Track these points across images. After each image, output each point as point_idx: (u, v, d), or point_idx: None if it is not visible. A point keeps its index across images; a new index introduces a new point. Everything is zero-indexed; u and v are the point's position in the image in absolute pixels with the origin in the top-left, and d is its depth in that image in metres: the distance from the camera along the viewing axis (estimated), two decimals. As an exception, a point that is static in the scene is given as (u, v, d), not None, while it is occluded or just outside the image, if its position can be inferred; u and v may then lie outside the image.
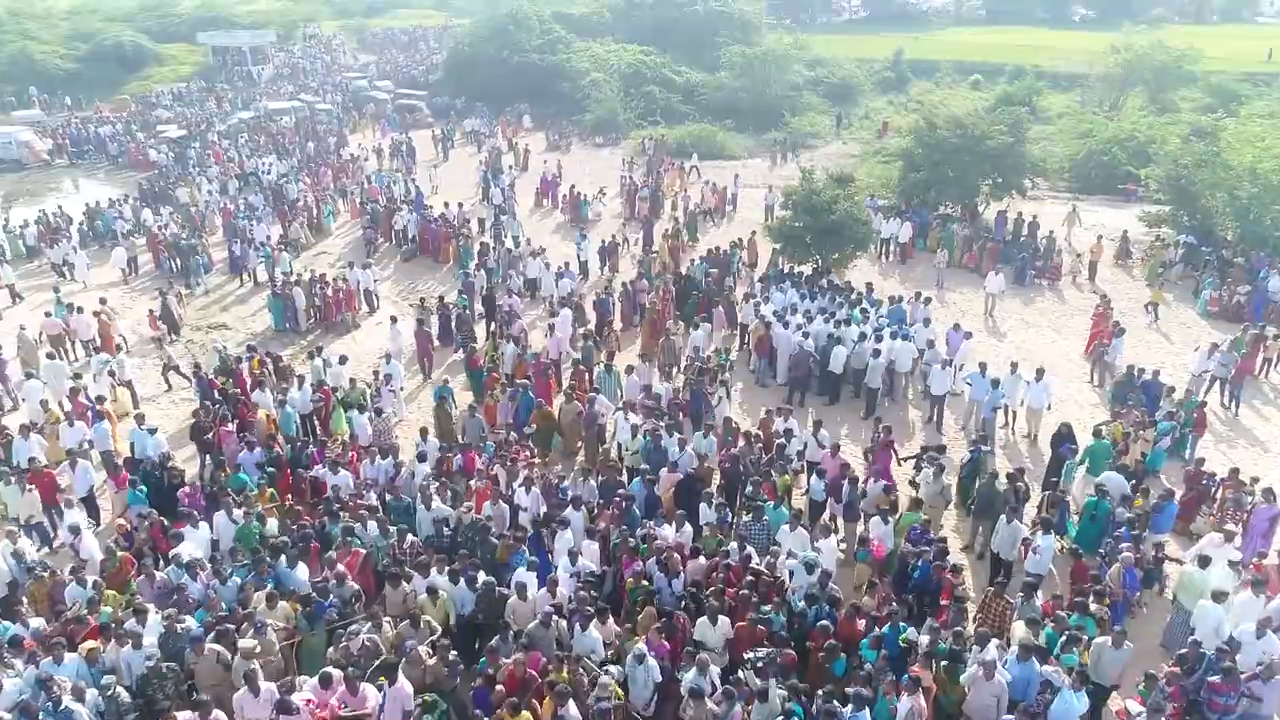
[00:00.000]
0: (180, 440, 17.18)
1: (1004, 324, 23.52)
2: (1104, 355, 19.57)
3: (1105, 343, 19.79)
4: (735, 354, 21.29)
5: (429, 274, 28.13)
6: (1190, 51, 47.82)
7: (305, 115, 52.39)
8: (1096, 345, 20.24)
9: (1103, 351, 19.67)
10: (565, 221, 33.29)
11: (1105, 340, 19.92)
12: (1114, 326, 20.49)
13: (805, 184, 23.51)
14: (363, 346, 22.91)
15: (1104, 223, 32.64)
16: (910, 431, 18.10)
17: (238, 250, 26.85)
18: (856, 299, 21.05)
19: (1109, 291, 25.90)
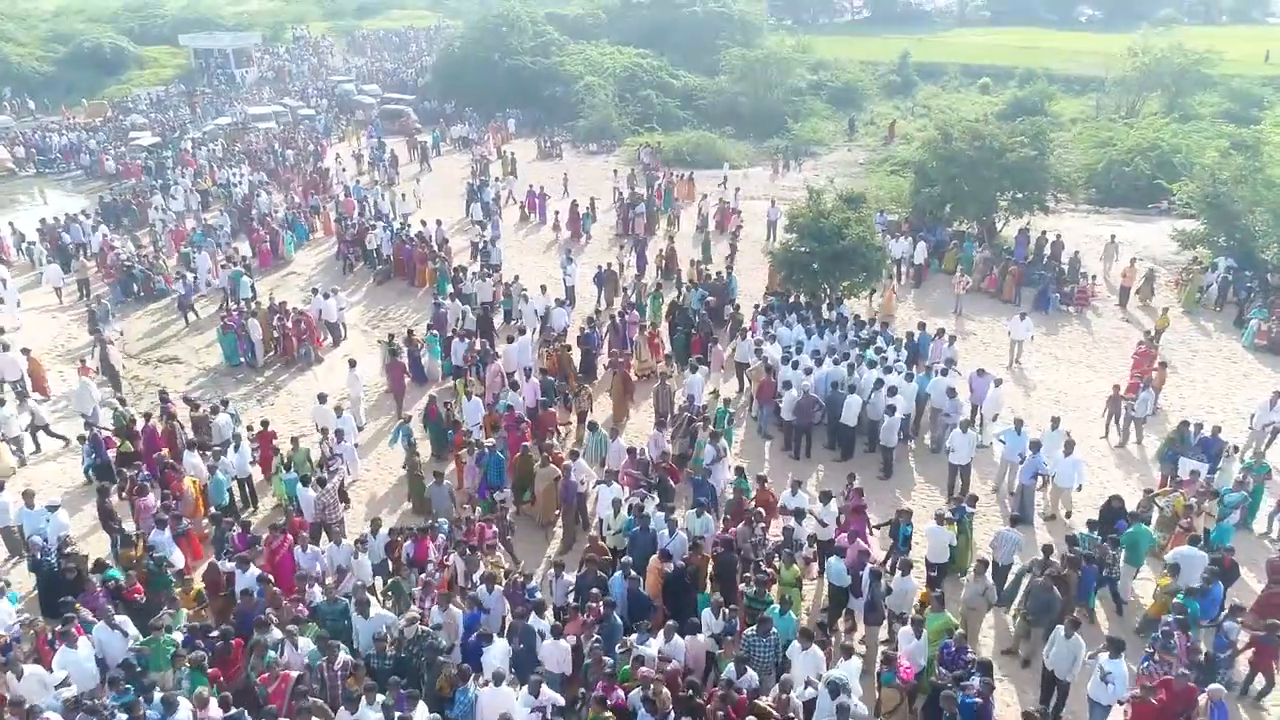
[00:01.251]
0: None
1: (1029, 359, 21.33)
2: (1130, 409, 17.04)
3: (1129, 396, 17.29)
4: (739, 399, 19.20)
5: (403, 299, 25.95)
6: (1209, 54, 45.76)
7: (287, 121, 50.32)
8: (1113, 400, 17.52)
9: (1129, 404, 17.12)
10: (557, 240, 31.03)
11: (1129, 394, 17.40)
12: (1159, 369, 18.33)
13: (812, 205, 21.33)
14: (325, 384, 20.70)
15: (1130, 239, 30.48)
16: (916, 483, 15.98)
17: (182, 287, 24.30)
18: (871, 336, 18.88)
19: (1139, 317, 23.88)
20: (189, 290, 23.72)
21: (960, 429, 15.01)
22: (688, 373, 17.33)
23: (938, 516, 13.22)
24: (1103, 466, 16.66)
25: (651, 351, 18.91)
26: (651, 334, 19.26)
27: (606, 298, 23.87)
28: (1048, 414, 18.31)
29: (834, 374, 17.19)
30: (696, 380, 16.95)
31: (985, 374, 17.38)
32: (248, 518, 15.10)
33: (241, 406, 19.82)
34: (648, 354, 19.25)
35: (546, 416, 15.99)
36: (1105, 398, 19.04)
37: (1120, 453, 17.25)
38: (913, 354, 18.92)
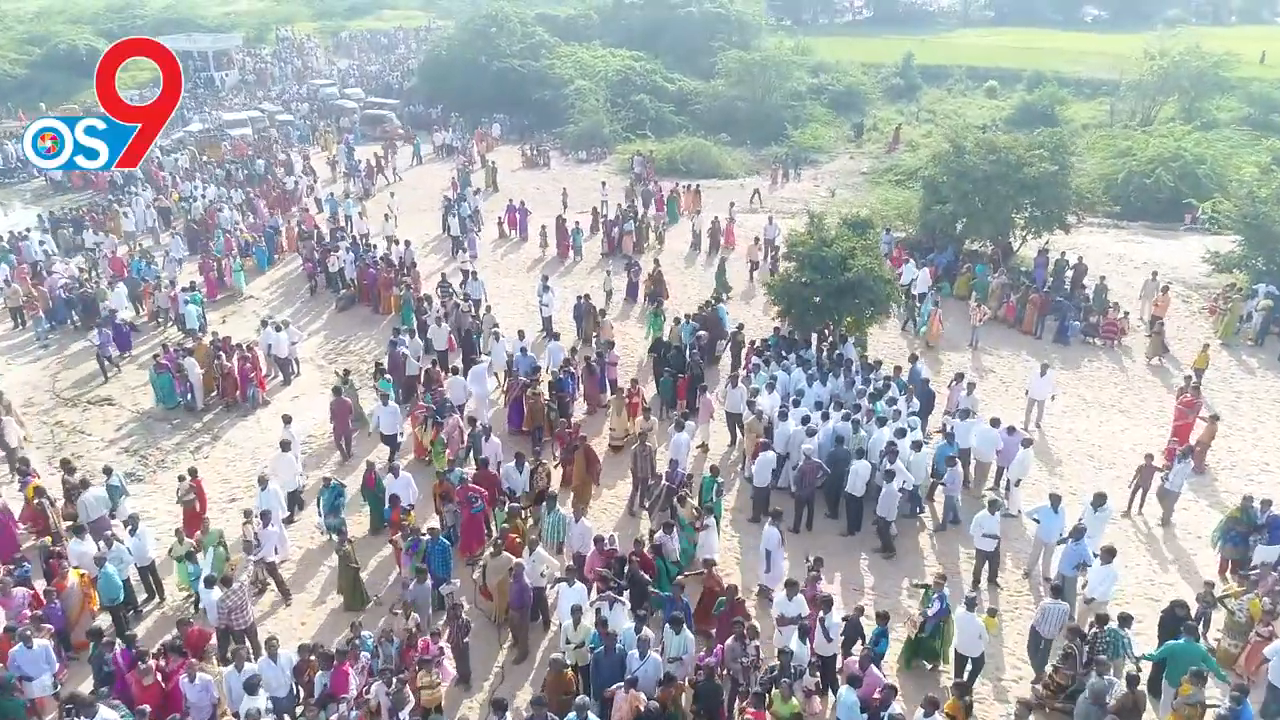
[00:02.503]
0: None
1: (1055, 403, 19.11)
2: (1164, 479, 14.62)
3: (1165, 465, 14.74)
4: (730, 454, 17.01)
5: (366, 328, 23.72)
6: (1227, 57, 43.64)
7: (264, 127, 48.10)
8: (1144, 471, 14.95)
9: (1163, 475, 14.65)
10: (543, 258, 28.78)
11: (1165, 463, 14.79)
12: (1208, 423, 16.10)
13: (814, 232, 19.08)
14: (271, 431, 18.48)
15: (1155, 258, 28.30)
16: (926, 563, 13.77)
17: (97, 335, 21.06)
18: (884, 384, 16.66)
19: (1170, 350, 21.67)
20: (104, 339, 20.90)
21: (989, 509, 12.77)
22: (671, 429, 15.03)
23: (968, 601, 11.23)
24: (1133, 545, 14.39)
25: (630, 413, 16.54)
26: (632, 391, 16.97)
27: (584, 333, 21.46)
28: (1079, 472, 16.37)
29: (839, 430, 14.99)
30: (681, 441, 14.73)
31: (1015, 431, 15.15)
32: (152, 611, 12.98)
33: (173, 459, 17.72)
34: (625, 417, 16.65)
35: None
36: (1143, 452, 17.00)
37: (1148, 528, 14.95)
38: (926, 402, 16.70)
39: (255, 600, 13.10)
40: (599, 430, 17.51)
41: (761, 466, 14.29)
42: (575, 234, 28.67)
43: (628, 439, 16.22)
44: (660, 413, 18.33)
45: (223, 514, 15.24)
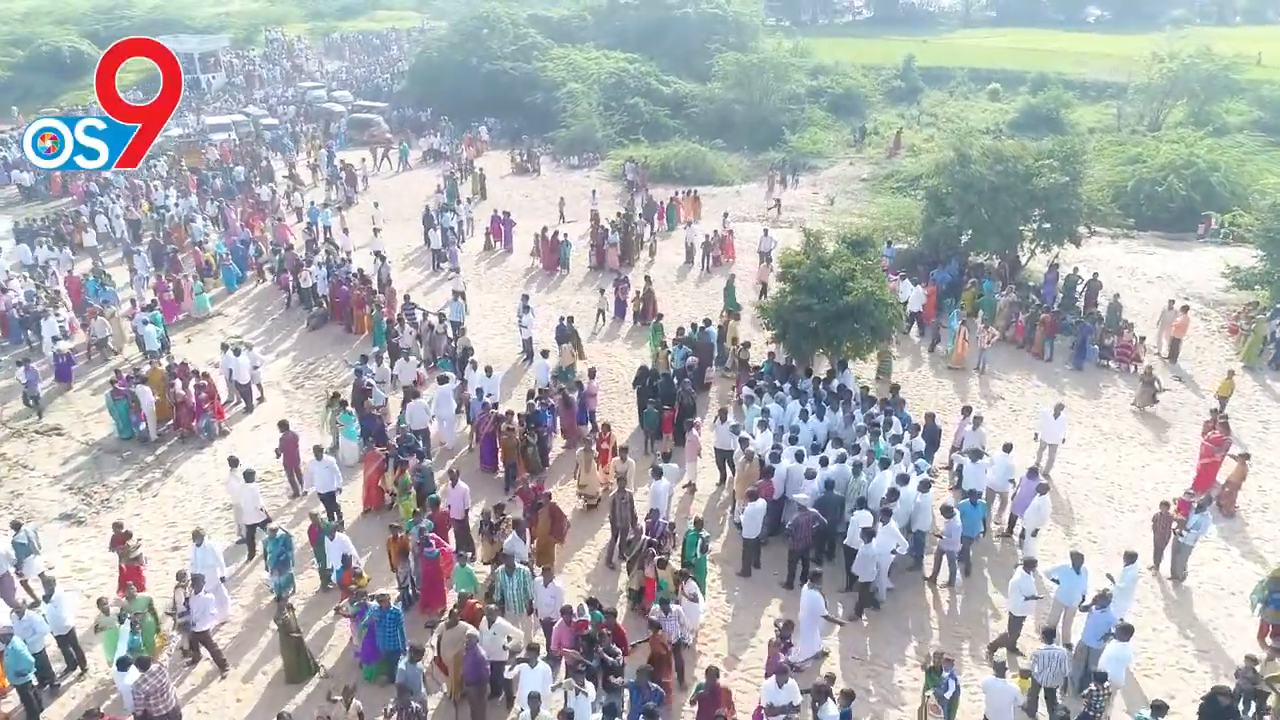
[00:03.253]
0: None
1: (1071, 435, 17.79)
2: (1179, 533, 13.16)
3: (1179, 516, 13.23)
4: (719, 494, 15.70)
5: (338, 349, 22.40)
6: (1238, 59, 42.37)
7: (248, 131, 46.79)
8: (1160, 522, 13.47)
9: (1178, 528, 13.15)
10: (531, 272, 27.43)
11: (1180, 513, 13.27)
12: (1238, 462, 14.80)
13: (810, 251, 17.74)
14: (223, 469, 17.15)
15: (1169, 272, 27.03)
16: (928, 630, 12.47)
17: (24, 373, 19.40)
18: (885, 420, 15.33)
19: (1187, 373, 20.38)
20: (31, 377, 19.29)
21: (1024, 568, 11.45)
22: (654, 479, 13.64)
23: (997, 666, 10.18)
24: (1159, 605, 13.06)
25: (601, 462, 15.06)
26: (602, 437, 15.38)
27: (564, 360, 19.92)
28: (1098, 515, 15.07)
29: (837, 474, 13.68)
30: (661, 490, 13.39)
31: (1034, 475, 13.83)
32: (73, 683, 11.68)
33: (119, 498, 16.43)
34: (596, 470, 14.83)
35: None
36: (1167, 490, 15.72)
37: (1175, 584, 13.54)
38: (931, 438, 15.39)
39: (189, 669, 11.84)
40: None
41: (752, 517, 12.99)
42: (564, 247, 27.31)
43: (605, 493, 14.79)
44: (645, 446, 17.03)
45: (163, 565, 13.93)
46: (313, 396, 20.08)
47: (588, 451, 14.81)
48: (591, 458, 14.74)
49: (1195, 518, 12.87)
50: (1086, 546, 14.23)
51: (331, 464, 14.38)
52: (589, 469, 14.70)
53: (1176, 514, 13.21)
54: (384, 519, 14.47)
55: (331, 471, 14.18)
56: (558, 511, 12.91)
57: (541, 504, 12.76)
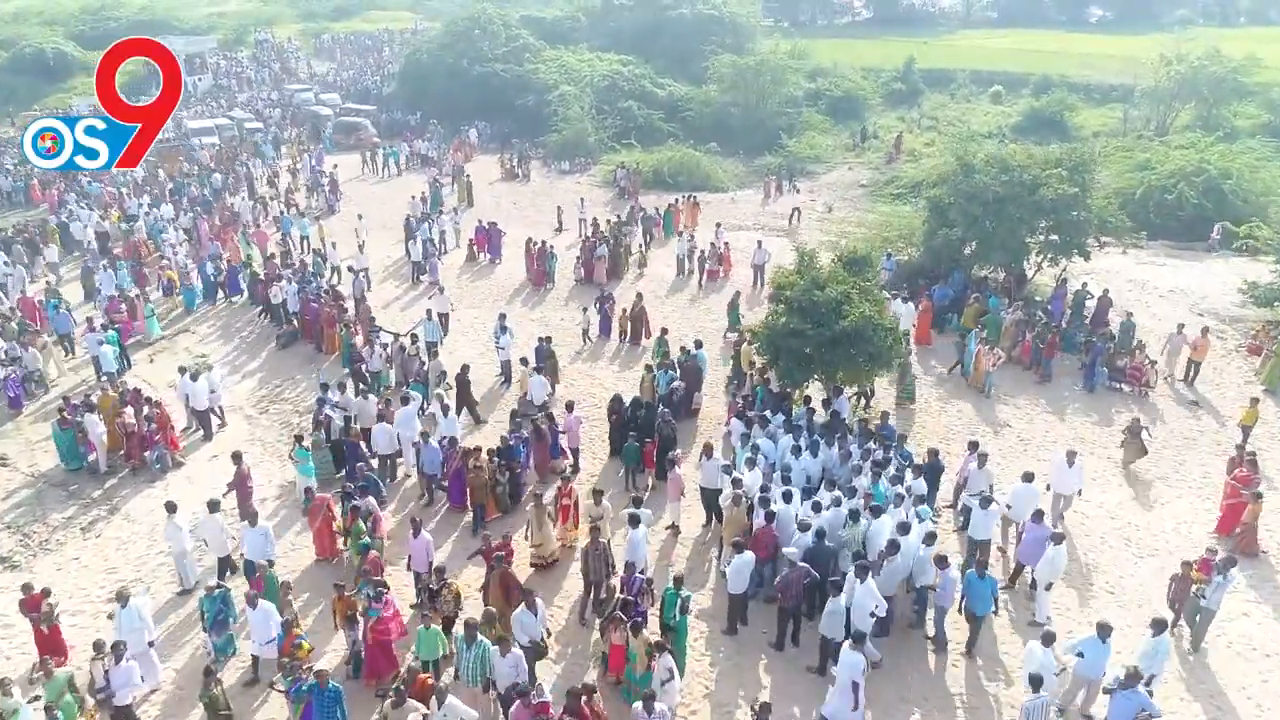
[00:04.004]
0: None
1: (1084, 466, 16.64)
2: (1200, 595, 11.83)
3: (1200, 577, 11.93)
4: (705, 535, 14.51)
5: (307, 370, 21.22)
6: (1247, 61, 41.24)
7: (232, 135, 45.65)
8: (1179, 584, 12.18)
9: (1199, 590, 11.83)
10: (517, 287, 26.20)
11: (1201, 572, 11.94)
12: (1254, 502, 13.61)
13: (804, 271, 16.55)
14: (182, 500, 15.98)
15: (1181, 285, 25.86)
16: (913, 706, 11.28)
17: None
18: (884, 458, 14.14)
19: (1205, 397, 19.20)
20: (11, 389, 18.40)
21: (1042, 642, 10.19)
22: (631, 527, 12.41)
23: None
24: (1184, 671, 11.83)
25: (561, 518, 13.71)
26: (563, 491, 13.83)
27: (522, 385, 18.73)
28: (1115, 561, 13.91)
29: (831, 522, 12.52)
30: (639, 539, 12.18)
31: (1041, 523, 12.63)
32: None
33: (60, 538, 15.27)
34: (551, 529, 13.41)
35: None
36: (1187, 531, 14.58)
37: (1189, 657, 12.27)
38: (933, 477, 14.22)
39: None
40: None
41: (738, 570, 11.81)
42: (550, 259, 26.09)
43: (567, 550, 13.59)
44: (627, 482, 15.86)
45: (94, 621, 12.75)
46: (276, 423, 18.92)
47: (539, 507, 13.20)
48: (544, 513, 13.23)
49: (1218, 579, 11.62)
50: (1103, 598, 13.14)
51: (267, 531, 12.85)
52: (541, 526, 13.17)
53: (1197, 574, 11.96)
54: (338, 571, 13.28)
55: (266, 540, 12.67)
56: (510, 579, 11.60)
57: (494, 567, 11.54)
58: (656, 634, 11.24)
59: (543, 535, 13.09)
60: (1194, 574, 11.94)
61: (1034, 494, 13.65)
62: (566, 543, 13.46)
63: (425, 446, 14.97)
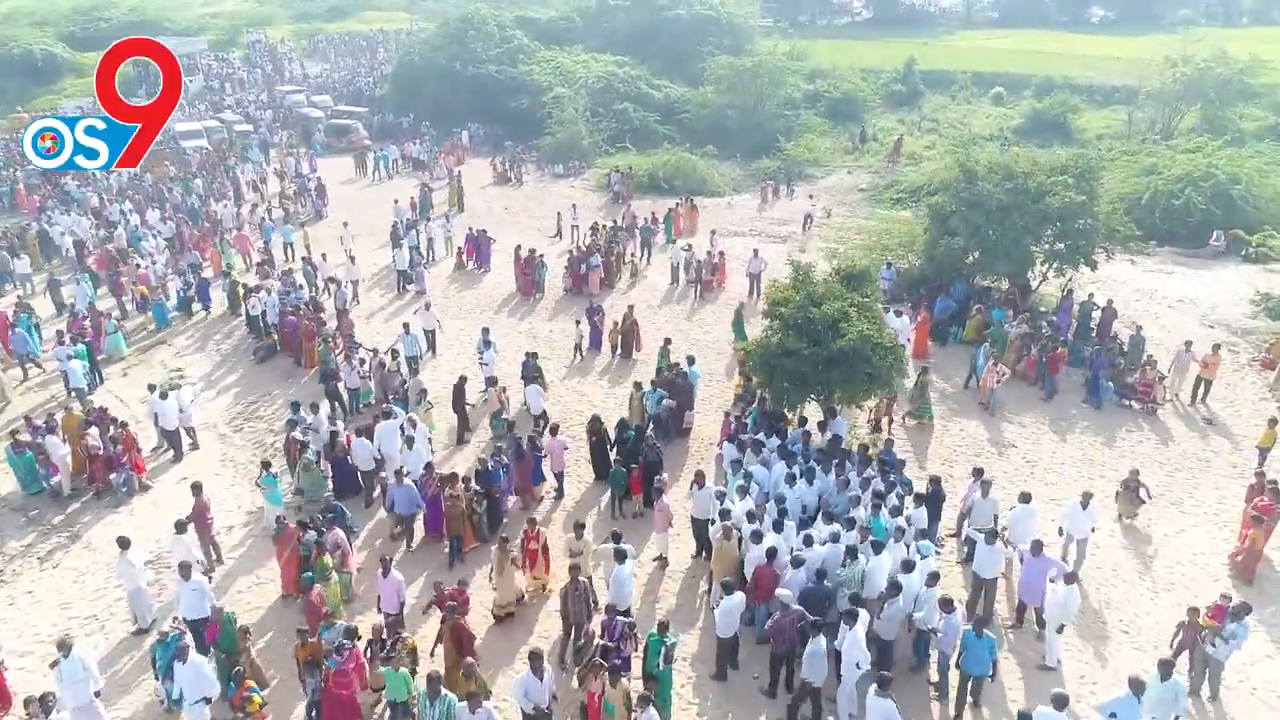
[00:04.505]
0: None
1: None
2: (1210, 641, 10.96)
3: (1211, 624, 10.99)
4: (696, 568, 13.73)
5: (284, 386, 20.42)
6: (1253, 63, 40.50)
7: (221, 138, 44.85)
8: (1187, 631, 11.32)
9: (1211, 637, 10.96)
10: (502, 297, 25.39)
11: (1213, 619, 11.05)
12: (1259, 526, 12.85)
13: (800, 285, 15.75)
14: (139, 532, 15.25)
15: (1190, 295, 25.08)
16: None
17: None
18: (888, 484, 13.34)
19: (1217, 414, 18.41)
20: None
21: (1054, 705, 9.28)
22: (616, 563, 11.64)
23: None
24: None
25: (529, 563, 12.53)
26: (529, 535, 12.55)
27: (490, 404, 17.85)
28: (1130, 597, 13.12)
29: (828, 559, 11.74)
30: (624, 577, 11.41)
31: (1043, 554, 11.77)
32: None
33: (15, 569, 14.49)
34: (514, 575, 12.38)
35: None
36: (1201, 560, 13.81)
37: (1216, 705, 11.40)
38: (935, 507, 13.45)
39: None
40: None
41: (727, 613, 11.04)
42: (540, 268, 25.24)
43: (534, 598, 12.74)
44: (613, 508, 15.08)
45: (42, 665, 11.95)
46: (250, 442, 18.14)
47: (503, 551, 12.10)
48: (507, 558, 12.13)
49: (1232, 626, 10.81)
50: (1117, 638, 12.36)
51: (202, 586, 11.73)
52: (502, 572, 12.11)
53: (1209, 620, 11.12)
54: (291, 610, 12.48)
55: (202, 595, 11.59)
56: (462, 631, 10.71)
57: (446, 619, 10.70)
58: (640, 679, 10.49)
59: (503, 583, 12.16)
60: (1205, 620, 11.13)
61: (1031, 514, 13.09)
62: (535, 590, 12.55)
63: (396, 486, 13.97)
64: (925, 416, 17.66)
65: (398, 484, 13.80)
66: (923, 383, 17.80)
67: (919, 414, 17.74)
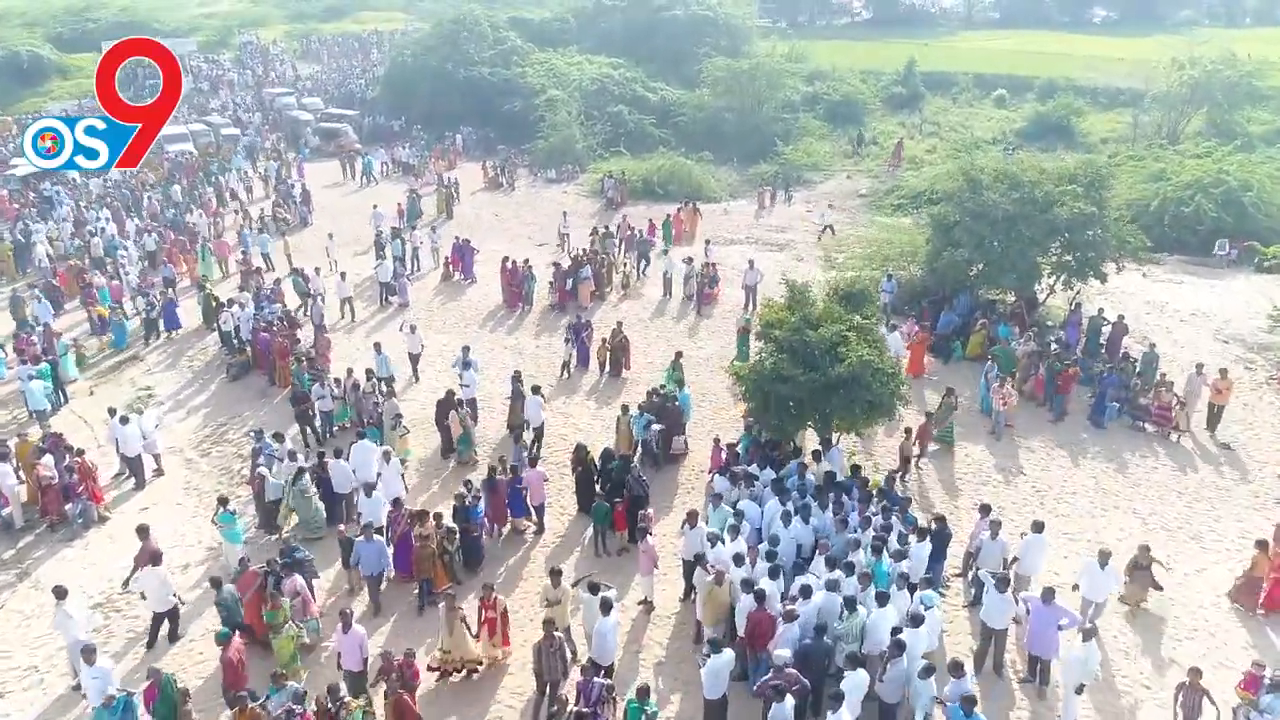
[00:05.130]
0: None
1: (1108, 525, 14.94)
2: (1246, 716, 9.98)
3: (1246, 695, 10.08)
4: (687, 610, 12.79)
5: (255, 407, 19.49)
6: (1261, 65, 39.62)
7: (208, 142, 43.93)
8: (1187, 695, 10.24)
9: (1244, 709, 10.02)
10: (488, 310, 24.40)
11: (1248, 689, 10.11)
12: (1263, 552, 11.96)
13: (795, 308, 14.78)
14: (94, 568, 14.38)
15: (1202, 308, 24.16)
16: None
17: None
18: (884, 526, 12.41)
19: (1234, 439, 17.45)
20: None
21: None
22: (598, 617, 10.68)
23: None
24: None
25: (487, 631, 11.23)
26: (486, 601, 11.23)
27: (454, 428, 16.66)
28: (1150, 645, 12.14)
29: (825, 610, 10.81)
30: (606, 629, 10.46)
31: (1052, 603, 10.80)
32: None
33: (-43, 610, 13.55)
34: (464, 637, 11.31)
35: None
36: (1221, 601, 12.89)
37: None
38: (940, 548, 12.53)
39: None
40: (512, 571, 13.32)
41: (715, 673, 10.11)
42: (529, 281, 24.22)
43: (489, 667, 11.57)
44: (596, 545, 14.15)
45: (-27, 724, 11.09)
46: (216, 469, 17.22)
47: (451, 608, 11.10)
48: (456, 617, 11.08)
49: (1268, 699, 9.82)
50: (1138, 691, 11.42)
51: (106, 675, 10.42)
52: (452, 632, 11.04)
53: (1242, 691, 10.19)
54: (268, 661, 11.52)
55: (105, 681, 10.29)
56: (405, 709, 9.74)
57: (389, 695, 9.72)
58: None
59: (453, 642, 11.09)
60: (1239, 691, 10.18)
61: (1044, 545, 12.39)
62: (491, 660, 11.49)
63: (365, 542, 12.57)
64: (947, 442, 16.71)
65: (366, 539, 12.51)
66: (947, 405, 16.85)
67: (940, 438, 16.80)
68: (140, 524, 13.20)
